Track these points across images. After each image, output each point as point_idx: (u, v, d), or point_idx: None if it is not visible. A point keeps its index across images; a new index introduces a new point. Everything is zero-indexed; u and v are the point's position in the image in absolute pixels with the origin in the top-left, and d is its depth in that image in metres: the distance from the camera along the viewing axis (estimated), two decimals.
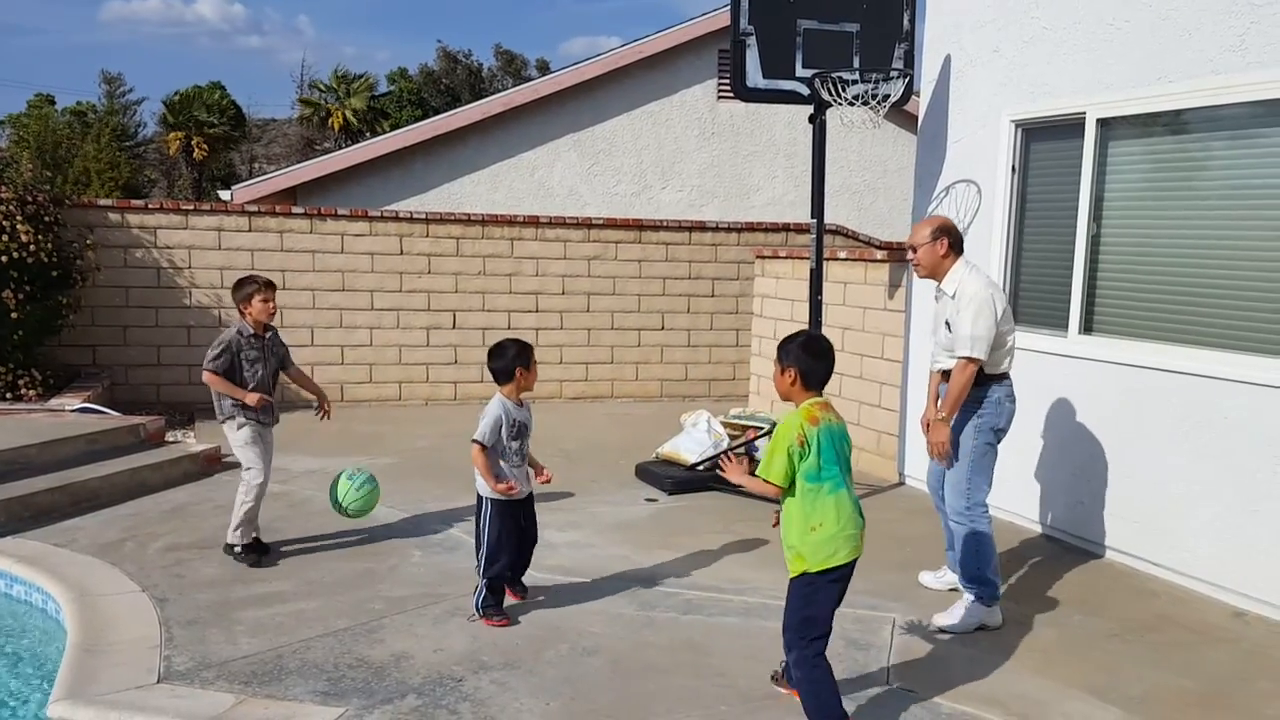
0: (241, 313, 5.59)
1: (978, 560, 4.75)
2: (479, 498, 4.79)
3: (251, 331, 5.58)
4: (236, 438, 5.55)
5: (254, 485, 5.48)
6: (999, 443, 4.87)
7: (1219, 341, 5.28)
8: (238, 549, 5.43)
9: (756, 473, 3.66)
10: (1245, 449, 5.09)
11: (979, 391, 4.79)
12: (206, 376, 5.46)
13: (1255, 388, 5.03)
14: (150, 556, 5.48)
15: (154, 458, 7.11)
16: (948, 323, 4.84)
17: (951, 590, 5.09)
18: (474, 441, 4.68)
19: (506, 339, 4.89)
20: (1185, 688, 4.18)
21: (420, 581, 5.18)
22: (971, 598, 4.75)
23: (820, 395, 3.69)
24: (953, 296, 4.84)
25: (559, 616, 4.74)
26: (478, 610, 4.68)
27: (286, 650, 4.29)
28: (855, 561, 3.63)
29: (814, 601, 3.58)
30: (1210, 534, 5.26)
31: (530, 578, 5.28)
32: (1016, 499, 6.42)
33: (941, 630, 4.68)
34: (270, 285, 5.61)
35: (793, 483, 3.57)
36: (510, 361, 4.77)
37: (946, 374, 4.86)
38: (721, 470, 3.85)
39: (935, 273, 4.93)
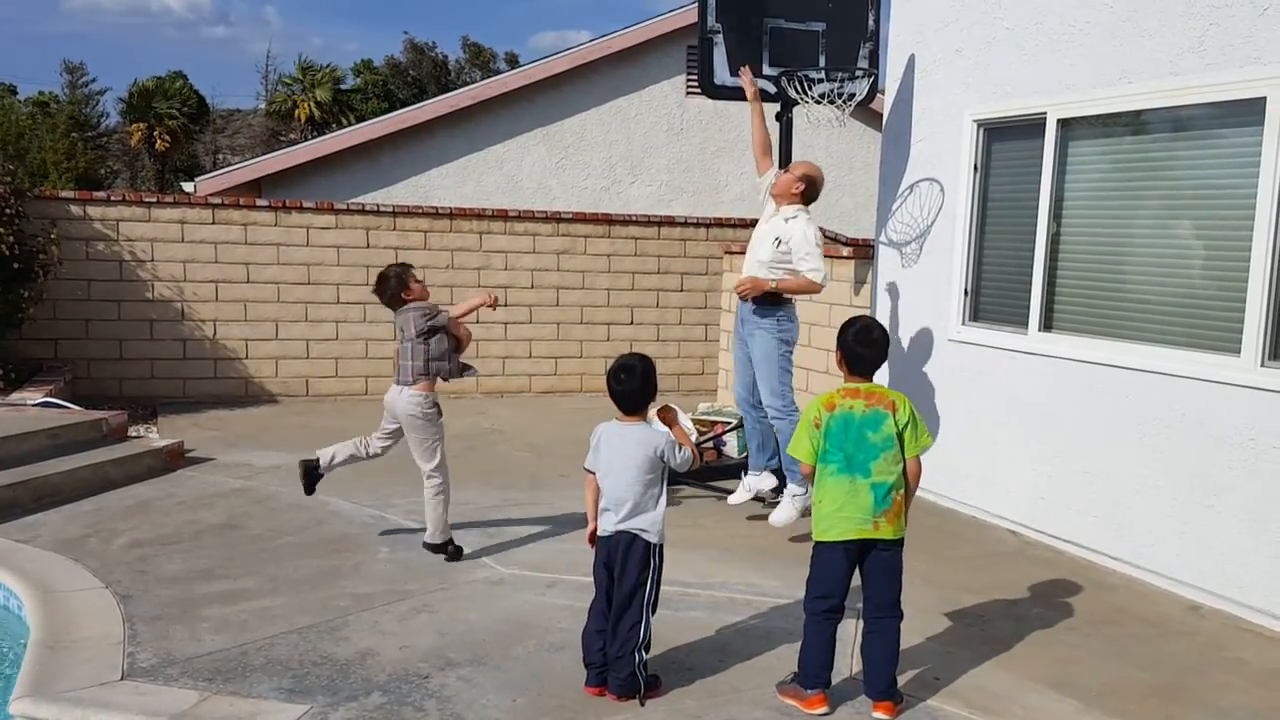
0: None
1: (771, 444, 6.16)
2: (650, 547, 3.94)
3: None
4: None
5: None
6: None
7: (1176, 339, 5.37)
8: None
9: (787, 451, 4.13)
10: (1201, 445, 5.19)
11: (782, 310, 6.02)
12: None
13: (1211, 385, 5.13)
14: (113, 552, 5.44)
15: (117, 453, 7.04)
16: (778, 239, 5.95)
17: (755, 499, 6.28)
18: (692, 454, 4.09)
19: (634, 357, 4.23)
20: (1143, 680, 4.26)
21: (386, 578, 5.17)
22: (796, 489, 5.85)
23: (867, 381, 3.99)
24: (787, 221, 6.00)
25: (526, 612, 4.75)
26: (642, 688, 3.90)
27: (251, 647, 4.28)
28: (860, 542, 3.84)
29: (814, 566, 3.95)
30: (1167, 529, 5.36)
31: (497, 574, 5.30)
32: (978, 493, 6.51)
33: (781, 526, 5.87)
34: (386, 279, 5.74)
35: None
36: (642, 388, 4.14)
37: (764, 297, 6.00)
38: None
39: (781, 197, 6.11)
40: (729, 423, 7.52)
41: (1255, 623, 4.92)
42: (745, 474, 6.40)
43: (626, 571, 3.89)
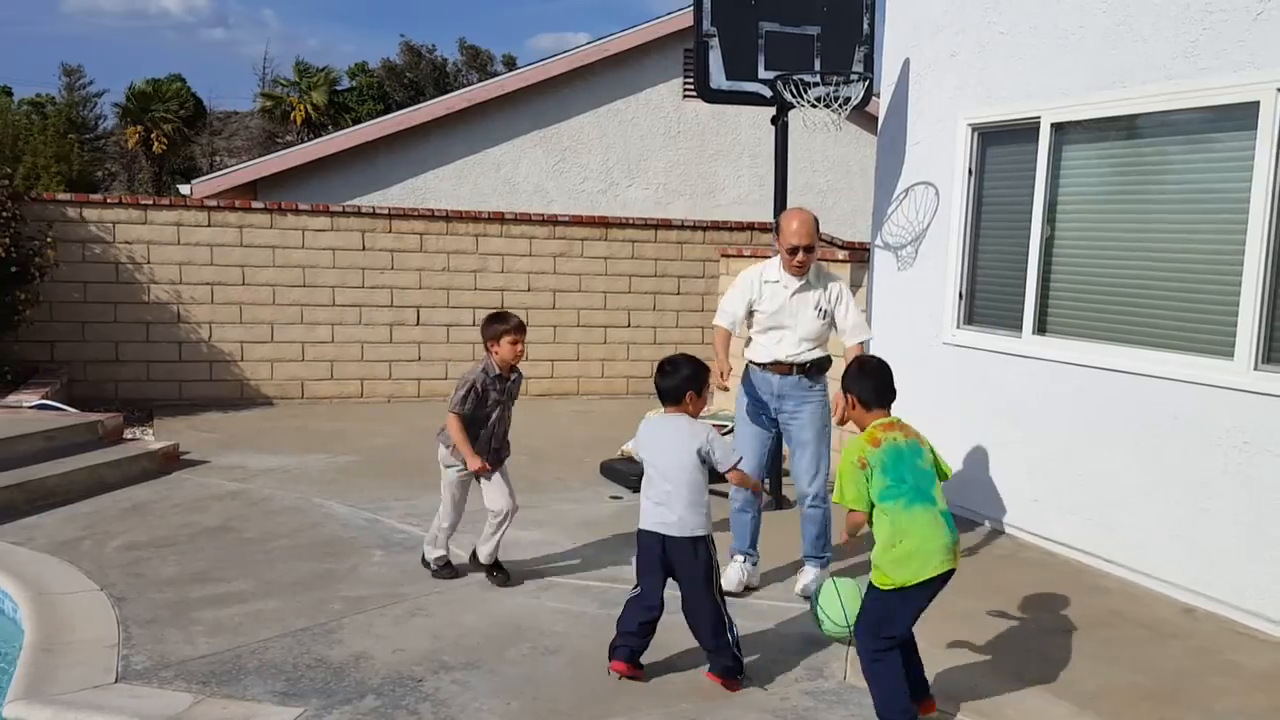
0: (489, 350, 5.13)
1: (830, 530, 5.25)
2: (706, 541, 4.11)
3: (498, 372, 5.13)
4: (447, 476, 5.27)
5: (443, 527, 5.30)
6: None
7: (1170, 343, 5.38)
8: (432, 564, 5.29)
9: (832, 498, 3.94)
10: (1195, 448, 5.20)
11: (824, 378, 5.32)
12: (451, 421, 5.05)
13: (1205, 388, 5.14)
14: (108, 555, 5.43)
15: (112, 455, 7.04)
16: (822, 310, 5.24)
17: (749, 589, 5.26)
18: (736, 470, 4.29)
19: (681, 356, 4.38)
20: (1137, 683, 4.27)
21: (381, 581, 5.17)
22: (820, 566, 5.25)
23: (887, 415, 3.83)
24: (824, 289, 5.27)
25: (521, 615, 4.75)
26: (741, 669, 4.10)
27: (245, 650, 4.28)
28: (950, 573, 3.64)
29: (891, 612, 3.64)
30: (1161, 532, 5.37)
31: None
32: (971, 497, 6.52)
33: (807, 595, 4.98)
34: (522, 328, 5.13)
35: (873, 505, 3.67)
36: (683, 382, 4.26)
37: (801, 366, 5.25)
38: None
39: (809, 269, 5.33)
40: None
41: (1250, 626, 4.92)
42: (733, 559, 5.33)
43: (692, 571, 4.05)
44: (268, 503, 6.54)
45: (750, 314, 5.31)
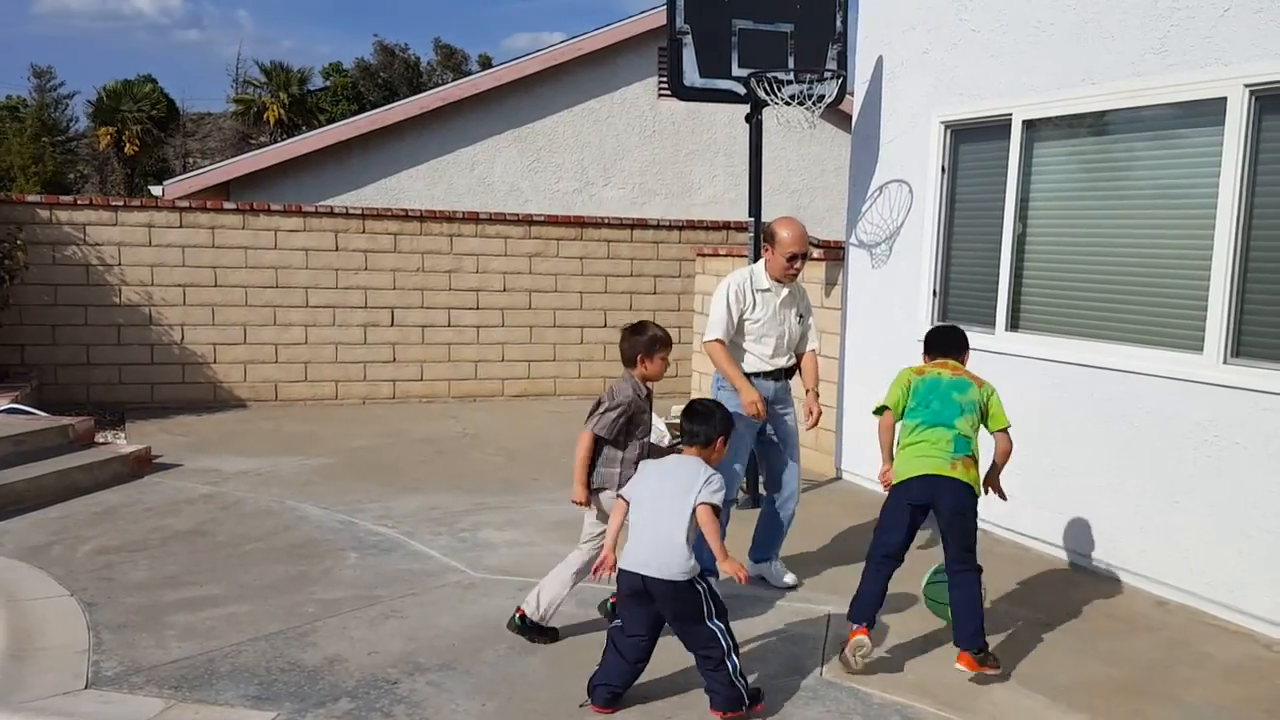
0: (636, 364, 4.53)
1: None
2: (694, 583, 3.76)
3: (647, 391, 4.57)
4: (605, 502, 4.39)
5: (585, 561, 4.42)
6: None
7: (1141, 338, 5.43)
8: (529, 622, 4.44)
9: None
10: (1165, 442, 5.25)
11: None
12: (584, 440, 4.37)
13: (1175, 382, 5.18)
14: (79, 560, 5.37)
15: (83, 459, 6.96)
16: (800, 315, 5.39)
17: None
18: (710, 504, 3.78)
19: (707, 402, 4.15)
20: (1110, 675, 4.30)
21: (355, 584, 5.14)
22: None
23: (946, 362, 4.51)
24: (801, 295, 5.42)
25: (498, 616, 4.72)
26: (746, 699, 3.77)
27: (218, 654, 4.24)
28: (933, 480, 4.21)
29: (884, 510, 4.37)
30: (1133, 525, 5.41)
31: (468, 578, 5.28)
32: None
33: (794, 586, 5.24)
34: (671, 342, 4.67)
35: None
36: (718, 425, 4.01)
37: (789, 370, 5.39)
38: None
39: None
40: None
41: (1221, 618, 4.97)
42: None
43: (680, 614, 3.75)
44: (241, 506, 6.48)
45: (741, 324, 5.23)
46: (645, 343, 4.49)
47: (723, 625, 3.77)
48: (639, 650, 3.83)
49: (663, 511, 3.78)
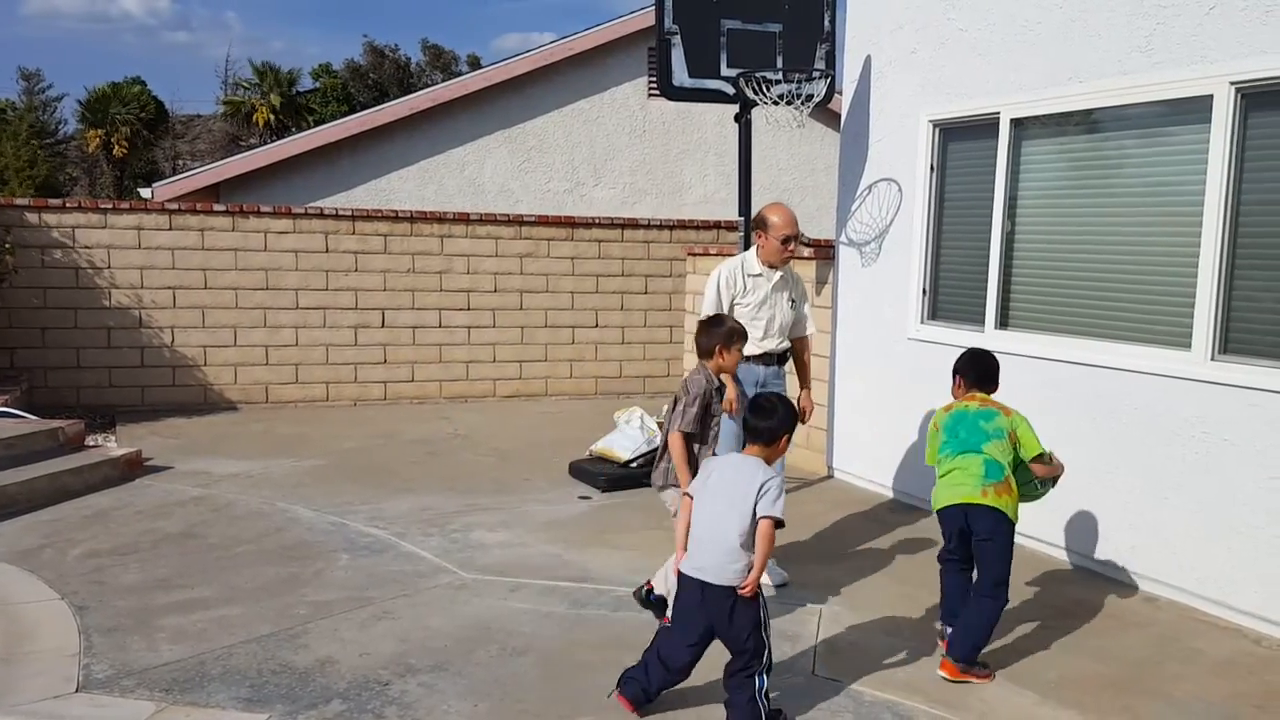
0: (713, 355, 4.57)
1: None
2: (750, 598, 3.69)
3: (719, 383, 4.62)
4: (674, 498, 4.56)
5: None
6: None
7: (1129, 335, 5.45)
8: (655, 597, 4.64)
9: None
10: (1154, 439, 5.27)
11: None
12: (675, 442, 4.44)
13: (1163, 379, 5.20)
14: (69, 563, 5.36)
15: (74, 462, 6.94)
16: (793, 300, 5.53)
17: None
18: (773, 518, 3.70)
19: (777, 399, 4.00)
20: (1099, 671, 4.32)
21: (347, 585, 5.14)
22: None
23: (981, 393, 4.52)
24: (793, 280, 5.57)
25: (489, 617, 4.73)
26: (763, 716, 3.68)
27: (209, 657, 4.23)
28: (968, 508, 4.26)
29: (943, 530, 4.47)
30: (1123, 522, 5.44)
31: (460, 579, 5.28)
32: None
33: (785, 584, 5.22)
34: (747, 335, 4.79)
35: None
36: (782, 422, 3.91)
37: (780, 356, 5.55)
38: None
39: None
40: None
41: (1210, 614, 4.99)
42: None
43: (735, 624, 3.69)
44: (232, 508, 6.47)
45: (732, 309, 5.37)
46: (724, 334, 4.60)
47: (769, 640, 3.72)
48: (684, 659, 3.75)
49: (720, 514, 3.72)
